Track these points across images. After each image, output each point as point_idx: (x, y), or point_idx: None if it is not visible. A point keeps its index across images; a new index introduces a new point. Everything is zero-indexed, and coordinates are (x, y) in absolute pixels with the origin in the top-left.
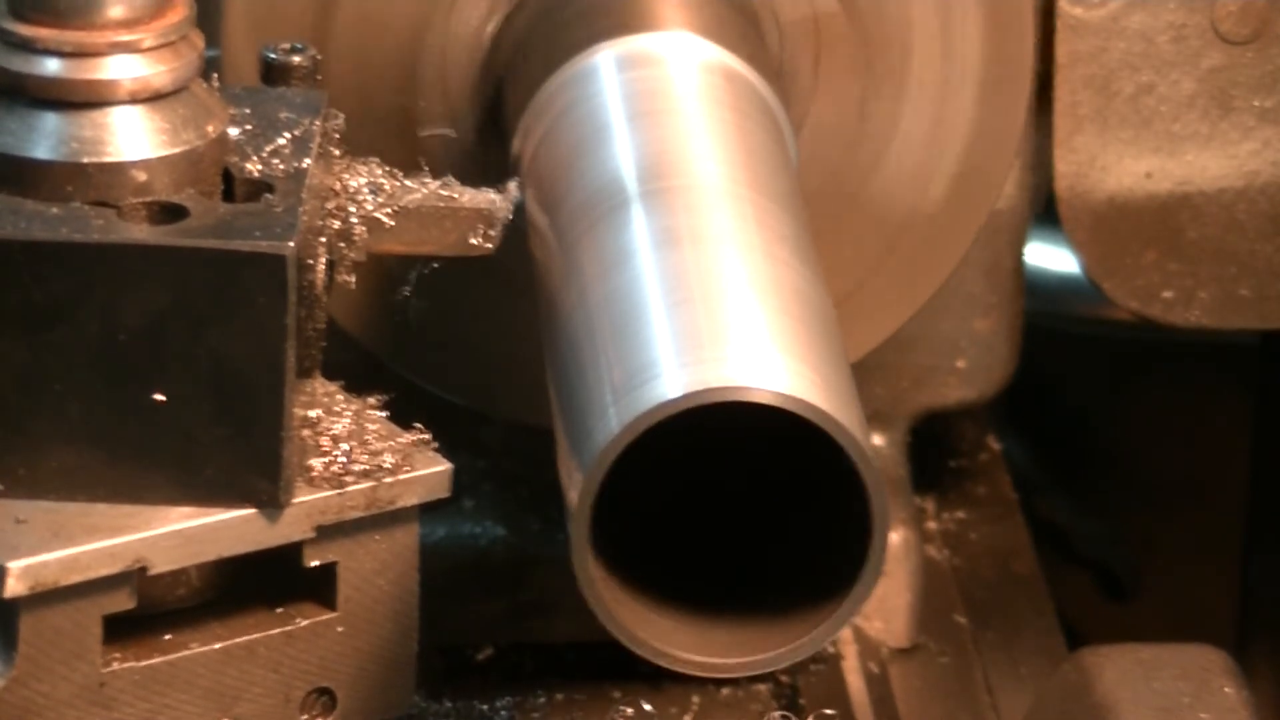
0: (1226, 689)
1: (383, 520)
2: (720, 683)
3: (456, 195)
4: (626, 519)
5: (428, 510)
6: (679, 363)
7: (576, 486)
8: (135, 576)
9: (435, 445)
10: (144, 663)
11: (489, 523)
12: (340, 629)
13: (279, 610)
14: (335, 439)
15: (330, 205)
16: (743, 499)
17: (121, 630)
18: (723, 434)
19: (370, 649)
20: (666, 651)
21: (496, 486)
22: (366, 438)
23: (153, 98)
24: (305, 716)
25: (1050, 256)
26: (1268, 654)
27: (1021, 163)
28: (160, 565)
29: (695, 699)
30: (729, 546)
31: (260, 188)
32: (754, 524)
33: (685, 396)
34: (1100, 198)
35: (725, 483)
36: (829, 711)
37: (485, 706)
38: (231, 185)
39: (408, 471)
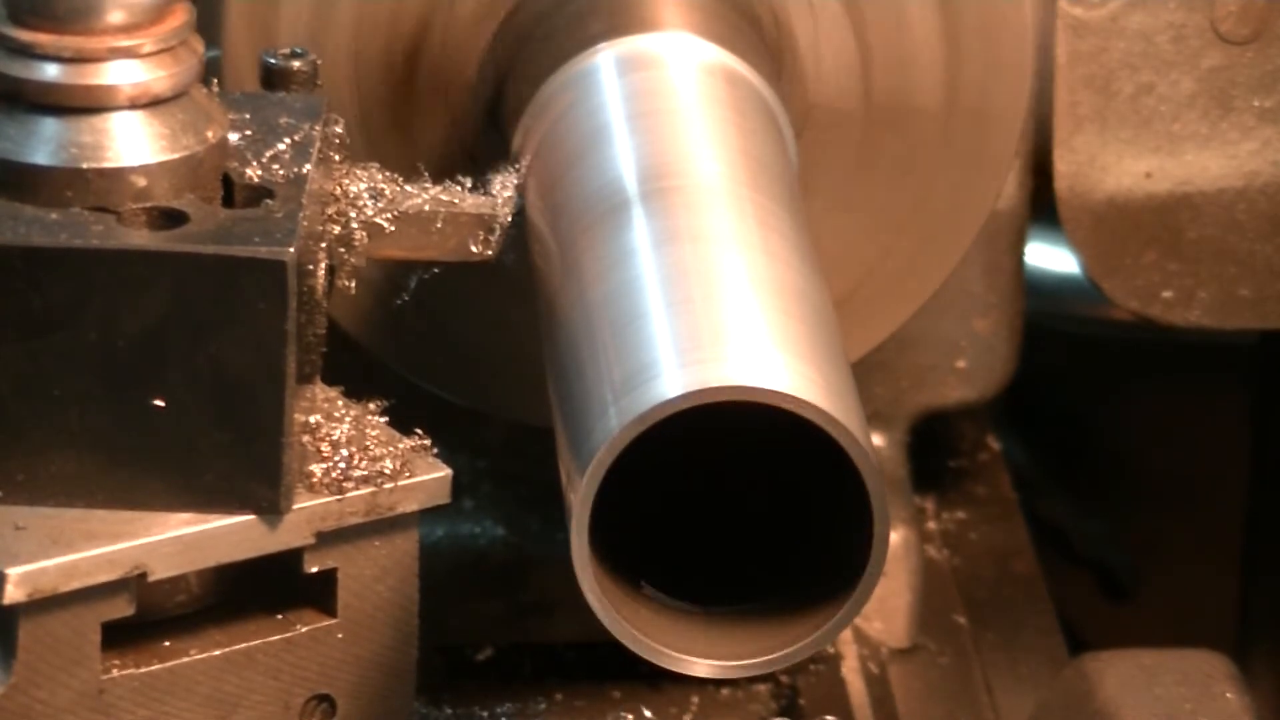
0: (1228, 694)
1: (383, 526)
2: (720, 683)
3: (457, 201)
4: (627, 519)
5: (427, 511)
6: (679, 362)
7: (576, 486)
8: (134, 583)
9: (435, 451)
10: (143, 669)
11: (489, 523)
12: (340, 635)
13: (279, 617)
14: (335, 445)
15: (330, 210)
16: (743, 499)
17: (121, 637)
18: (723, 434)
19: (370, 655)
20: (666, 652)
21: (496, 486)
22: (366, 443)
23: (152, 103)
24: None
25: (1050, 256)
26: (1267, 654)
27: (1021, 163)
28: (159, 571)
29: (695, 699)
30: (729, 547)
31: (260, 193)
32: (754, 524)
33: (685, 395)
34: (1100, 198)
35: (726, 483)
36: (830, 719)
37: (485, 712)
38: (231, 190)
39: (407, 477)
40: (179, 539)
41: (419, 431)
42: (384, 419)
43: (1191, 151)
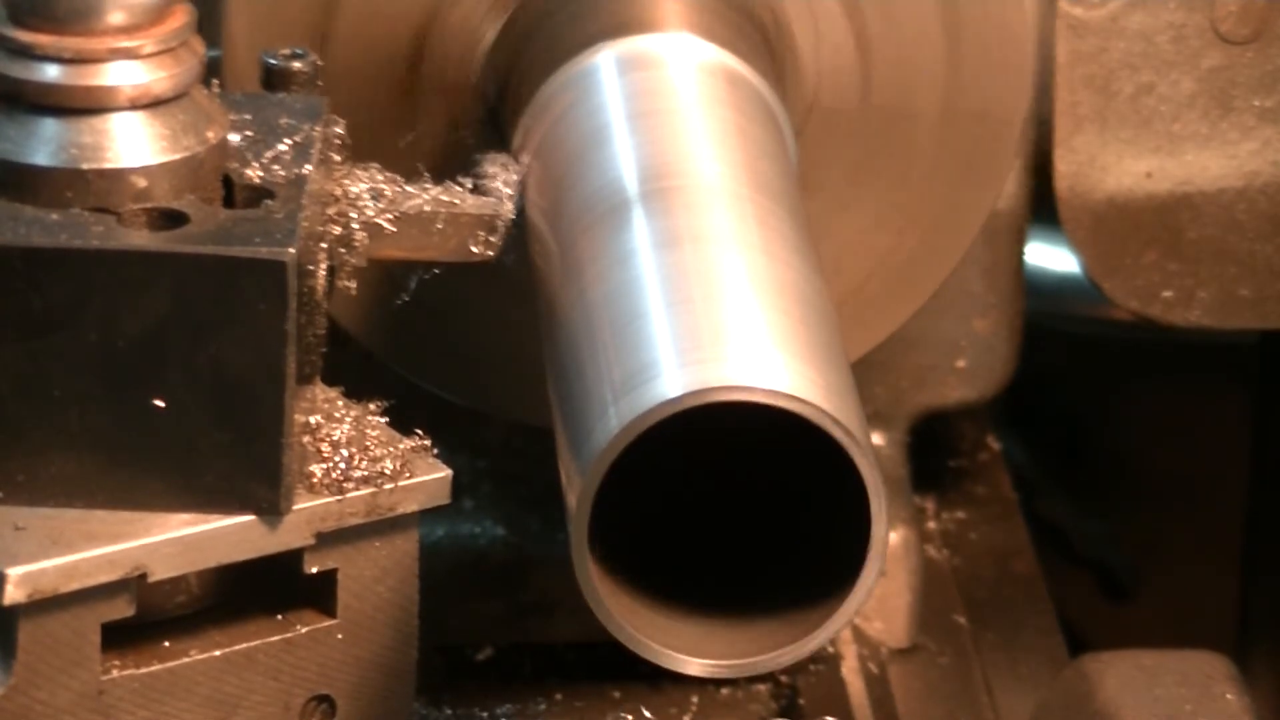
0: (1228, 695)
1: (383, 527)
2: (720, 683)
3: (458, 201)
4: (627, 519)
5: (427, 511)
6: (679, 362)
7: (576, 487)
8: (134, 583)
9: (435, 451)
10: (143, 670)
11: (489, 523)
12: (340, 636)
13: (279, 617)
14: (335, 445)
15: (331, 211)
16: (743, 499)
17: (121, 637)
18: (723, 434)
19: (370, 656)
20: (666, 652)
21: (496, 486)
22: (367, 444)
23: (153, 104)
24: None
25: (1050, 256)
26: (1267, 654)
27: (1021, 163)
28: (159, 572)
29: (694, 699)
30: (729, 546)
31: (261, 194)
32: (754, 524)
33: (685, 396)
34: (1100, 198)
35: (726, 483)
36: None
37: (485, 713)
38: (232, 191)
39: (408, 478)
40: (179, 540)
41: (419, 432)
42: (384, 419)
43: (1191, 151)
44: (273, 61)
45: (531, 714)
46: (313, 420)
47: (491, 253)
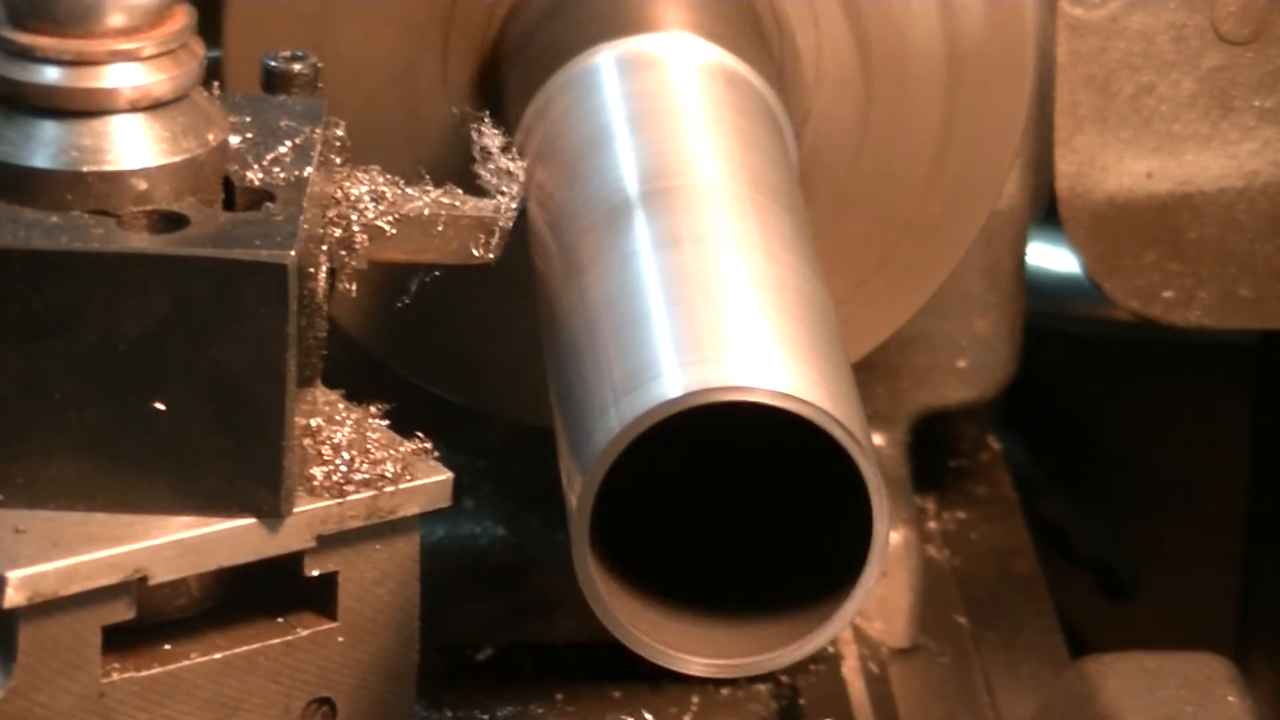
0: (1230, 698)
1: (383, 530)
2: (720, 683)
3: (458, 204)
4: (627, 519)
5: (427, 512)
6: (679, 362)
7: (576, 487)
8: (135, 586)
9: (436, 454)
10: (144, 673)
11: (489, 523)
12: (341, 639)
13: (279, 620)
14: (336, 448)
15: (331, 213)
16: (744, 499)
17: (121, 640)
18: (724, 434)
19: (371, 659)
20: (666, 652)
21: (496, 486)
22: (367, 447)
23: (153, 106)
24: None
25: (1050, 256)
26: (1267, 655)
27: (1021, 163)
28: (160, 575)
29: (695, 699)
30: (730, 546)
31: (261, 196)
32: (755, 524)
33: (685, 396)
34: (1100, 198)
35: (726, 483)
36: None
37: (486, 716)
38: (232, 194)
39: (408, 481)
40: (179, 542)
41: (420, 434)
42: (385, 422)
43: (1192, 151)
44: (273, 63)
45: (532, 715)
46: (313, 423)
47: (492, 255)
